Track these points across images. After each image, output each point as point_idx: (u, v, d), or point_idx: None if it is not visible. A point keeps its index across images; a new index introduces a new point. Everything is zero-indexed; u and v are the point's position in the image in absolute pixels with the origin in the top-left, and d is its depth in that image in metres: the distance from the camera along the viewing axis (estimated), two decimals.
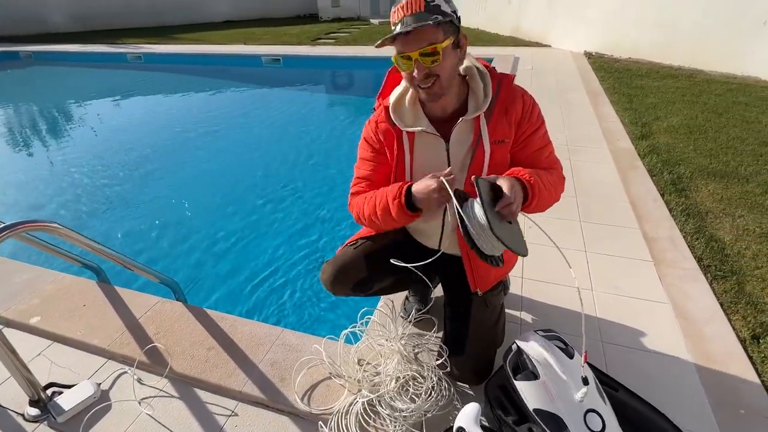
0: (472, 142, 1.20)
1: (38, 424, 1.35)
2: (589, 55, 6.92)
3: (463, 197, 1.07)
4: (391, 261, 1.21)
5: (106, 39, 11.27)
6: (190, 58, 9.02)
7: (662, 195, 2.63)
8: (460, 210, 1.02)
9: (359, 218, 1.32)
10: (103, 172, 4.12)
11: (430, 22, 1.01)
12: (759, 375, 1.46)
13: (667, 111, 4.14)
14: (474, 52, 1.13)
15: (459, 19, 1.10)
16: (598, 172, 2.94)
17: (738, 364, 1.50)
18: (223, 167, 4.24)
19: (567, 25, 7.54)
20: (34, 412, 1.36)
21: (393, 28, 1.07)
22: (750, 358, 1.52)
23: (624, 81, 5.24)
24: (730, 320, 1.68)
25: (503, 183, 1.03)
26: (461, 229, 1.02)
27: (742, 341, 1.59)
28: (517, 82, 1.26)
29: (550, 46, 7.96)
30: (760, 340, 1.59)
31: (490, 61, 6.52)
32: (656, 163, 3.04)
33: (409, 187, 1.15)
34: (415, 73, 1.09)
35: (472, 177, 1.01)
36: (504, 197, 1.01)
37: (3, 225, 1.30)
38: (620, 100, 4.51)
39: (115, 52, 9.61)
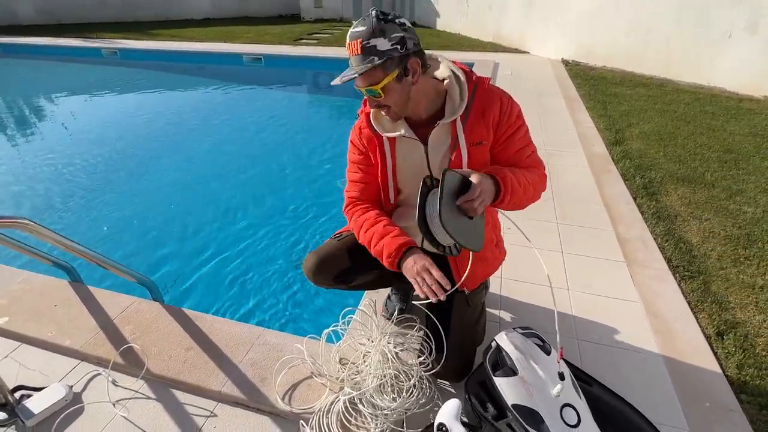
0: (450, 145, 1.23)
1: (5, 428, 1.30)
2: (566, 63, 7.11)
3: (431, 186, 1.09)
4: (416, 303, 1.29)
5: (78, 33, 10.91)
6: (168, 56, 8.81)
7: (634, 198, 2.73)
8: (425, 197, 1.07)
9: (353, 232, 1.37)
10: (75, 170, 3.98)
11: (367, 65, 1.07)
12: (723, 369, 1.53)
13: (639, 118, 4.30)
14: (455, 57, 1.16)
15: (405, 46, 1.08)
16: (574, 176, 3.03)
17: (704, 360, 1.57)
18: (201, 165, 4.16)
19: (545, 32, 7.73)
20: (1, 416, 1.31)
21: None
22: (715, 353, 1.60)
23: (599, 88, 5.41)
24: (696, 318, 1.76)
25: (474, 179, 1.07)
26: (418, 216, 1.05)
27: (708, 338, 1.67)
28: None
29: (528, 52, 8.14)
30: (724, 337, 1.67)
31: (471, 65, 6.64)
32: (629, 167, 3.15)
33: (407, 251, 1.19)
34: (368, 102, 1.19)
35: (444, 169, 1.04)
36: (467, 193, 1.05)
37: None
38: (595, 107, 4.66)
39: (89, 47, 9.32)
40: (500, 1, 8.93)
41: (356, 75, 1.08)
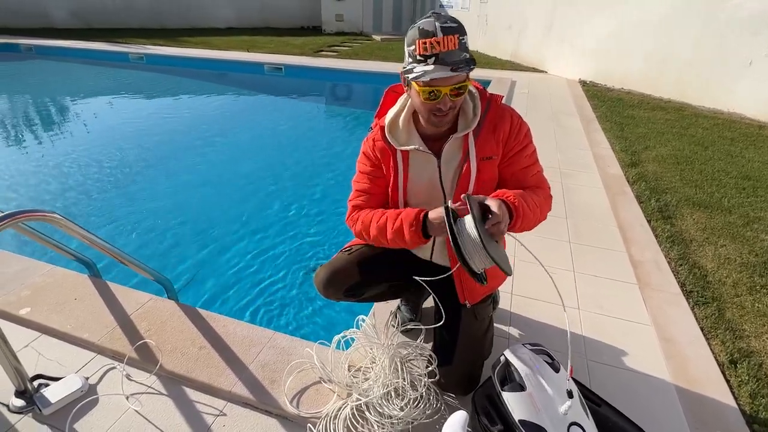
0: (461, 158, 1.26)
1: (23, 415, 1.34)
2: (583, 83, 7.13)
3: (454, 215, 1.09)
4: (414, 278, 1.25)
5: (107, 37, 11.32)
6: (192, 62, 9.09)
7: (649, 221, 2.71)
8: (453, 227, 1.05)
9: (360, 235, 1.34)
10: (98, 169, 4.11)
11: (468, 68, 1.07)
12: (735, 398, 1.51)
13: (656, 141, 4.28)
14: (473, 74, 1.18)
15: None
16: (589, 196, 3.03)
17: (716, 387, 1.54)
18: (220, 170, 4.26)
19: (563, 53, 7.79)
20: (19, 403, 1.35)
21: (421, 59, 1.08)
22: (728, 381, 1.57)
23: (616, 110, 5.41)
24: (709, 344, 1.74)
25: (492, 203, 1.06)
26: (453, 245, 1.05)
27: (721, 365, 1.64)
28: (513, 105, 1.32)
29: (546, 72, 8.19)
30: (738, 365, 1.65)
31: (488, 83, 6.71)
32: (644, 190, 3.14)
33: (426, 215, 1.18)
34: (440, 105, 1.12)
35: (462, 195, 1.04)
36: (494, 215, 1.04)
37: (2, 214, 1.31)
38: (612, 128, 4.66)
39: (117, 51, 9.66)
40: (520, 22, 9.04)
41: (472, 67, 1.07)
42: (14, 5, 12.66)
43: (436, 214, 1.16)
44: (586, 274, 2.13)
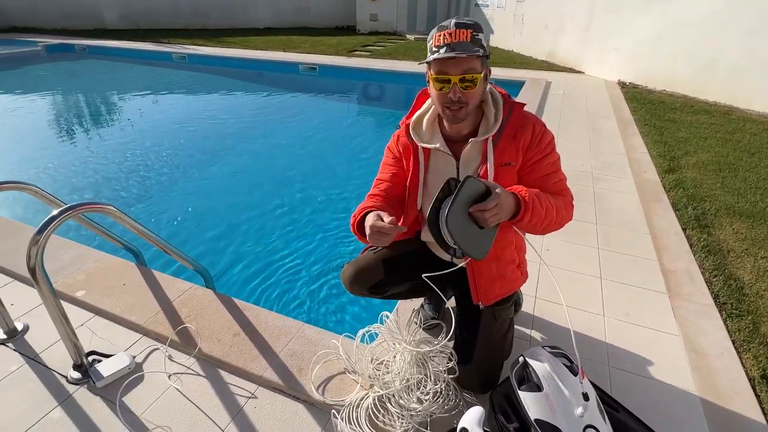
0: (479, 162, 1.30)
1: (79, 386, 1.49)
2: (622, 85, 6.91)
3: (453, 188, 1.11)
4: (423, 276, 1.31)
5: (153, 38, 11.91)
6: (231, 62, 9.44)
7: (684, 229, 2.63)
8: (444, 194, 1.10)
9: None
10: (142, 162, 4.37)
11: (474, 53, 1.12)
12: (765, 414, 1.47)
13: (698, 146, 4.11)
14: (508, 74, 1.22)
15: (487, 52, 1.19)
16: (622, 201, 2.97)
17: (744, 403, 1.51)
18: (256, 166, 4.44)
19: (601, 53, 7.55)
20: (76, 375, 1.50)
21: (435, 50, 1.16)
22: (757, 397, 1.53)
23: (656, 113, 5.22)
24: (741, 358, 1.70)
25: (495, 191, 1.08)
26: (432, 207, 1.09)
27: (751, 380, 1.60)
28: (547, 106, 1.34)
29: (583, 72, 7.97)
30: None
31: (522, 83, 6.60)
32: (681, 197, 3.04)
33: (365, 215, 1.25)
34: (450, 95, 1.17)
35: (467, 175, 1.06)
36: (482, 203, 1.06)
37: (65, 206, 1.46)
38: (650, 132, 4.51)
39: (162, 51, 10.16)
40: (557, 21, 8.83)
41: (479, 54, 1.12)
42: (70, 8, 13.60)
43: (371, 222, 1.17)
44: (614, 281, 2.11)
